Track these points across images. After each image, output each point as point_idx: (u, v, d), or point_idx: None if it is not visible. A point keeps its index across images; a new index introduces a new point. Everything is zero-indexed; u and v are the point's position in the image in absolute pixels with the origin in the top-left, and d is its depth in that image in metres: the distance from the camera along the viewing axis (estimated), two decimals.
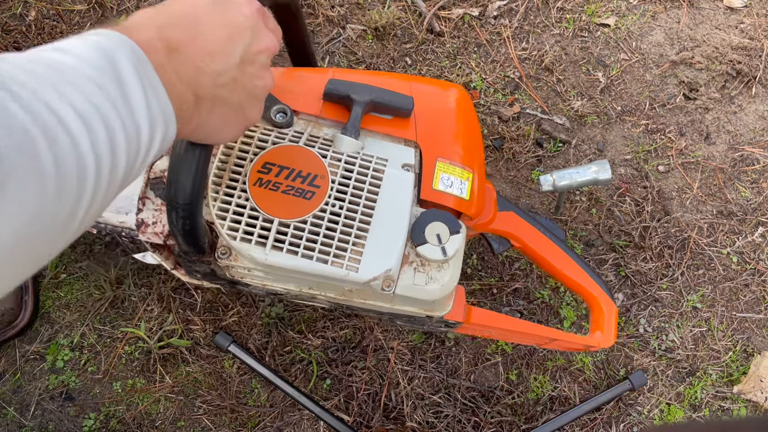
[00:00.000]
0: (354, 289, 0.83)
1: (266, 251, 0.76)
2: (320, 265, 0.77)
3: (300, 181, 0.77)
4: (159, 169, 0.83)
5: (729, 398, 1.31)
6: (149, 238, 0.82)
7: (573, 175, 1.22)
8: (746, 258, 1.40)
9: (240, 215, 0.76)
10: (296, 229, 0.77)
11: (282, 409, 1.25)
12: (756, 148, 1.51)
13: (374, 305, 0.87)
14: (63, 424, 1.22)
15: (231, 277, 0.84)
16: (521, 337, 1.07)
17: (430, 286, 0.82)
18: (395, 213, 0.81)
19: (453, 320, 0.91)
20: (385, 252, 0.79)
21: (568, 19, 1.63)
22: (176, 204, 0.65)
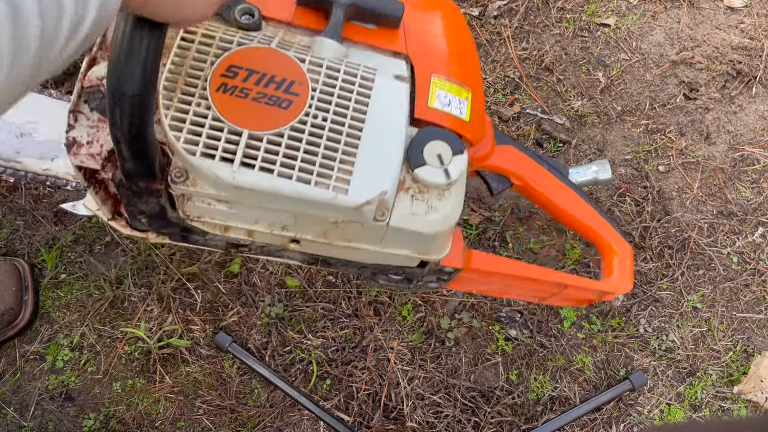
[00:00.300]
0: (340, 221, 0.69)
1: (234, 168, 0.63)
2: (302, 186, 0.64)
3: (274, 88, 0.65)
4: (96, 77, 0.68)
5: (729, 398, 1.31)
6: (83, 161, 0.67)
7: (573, 175, 1.22)
8: (746, 258, 1.40)
9: (200, 126, 0.63)
10: (270, 143, 0.65)
11: (282, 409, 1.25)
12: (756, 148, 1.51)
13: (359, 248, 0.74)
14: (63, 424, 1.22)
15: (186, 216, 0.70)
16: (527, 286, 0.94)
17: (430, 216, 0.71)
18: (388, 128, 0.69)
19: (450, 267, 0.79)
20: (378, 171, 0.67)
21: (568, 19, 1.63)
22: (121, 96, 0.52)
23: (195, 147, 0.63)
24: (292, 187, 0.64)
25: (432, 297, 1.34)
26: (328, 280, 1.34)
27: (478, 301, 1.35)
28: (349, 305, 1.32)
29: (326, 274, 1.34)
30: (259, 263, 1.33)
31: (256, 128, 0.64)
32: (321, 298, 1.32)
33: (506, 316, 1.34)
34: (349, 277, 1.33)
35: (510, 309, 1.35)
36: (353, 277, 1.31)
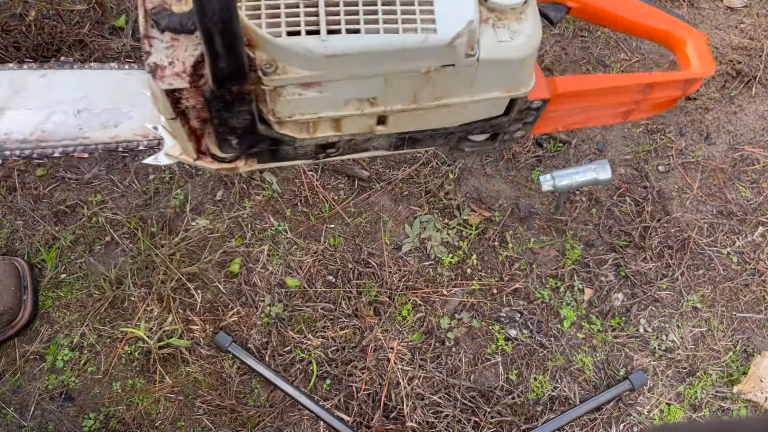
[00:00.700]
0: (432, 69, 0.68)
1: (323, 37, 0.62)
2: (391, 36, 0.64)
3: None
4: None
5: (729, 398, 1.31)
6: (171, 83, 0.67)
7: (573, 175, 1.22)
8: (746, 258, 1.40)
9: (276, 8, 0.63)
10: (348, 4, 0.64)
11: (282, 409, 1.25)
12: (756, 147, 1.51)
13: (450, 104, 0.75)
14: (63, 424, 1.22)
15: (276, 120, 0.71)
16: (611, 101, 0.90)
17: (516, 41, 0.70)
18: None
19: (539, 99, 0.79)
20: (459, 4, 0.66)
21: (569, 19, 1.63)
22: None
23: (278, 29, 0.62)
24: (383, 40, 0.64)
25: (432, 297, 1.34)
26: (328, 280, 1.34)
27: (478, 301, 1.35)
28: (349, 305, 1.32)
29: (326, 274, 1.34)
30: (260, 263, 1.33)
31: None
32: (321, 298, 1.32)
33: (506, 315, 1.34)
34: (349, 277, 1.33)
35: (510, 309, 1.35)
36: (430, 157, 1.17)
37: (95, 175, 1.37)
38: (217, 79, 0.63)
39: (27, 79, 0.98)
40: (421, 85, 0.71)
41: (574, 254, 1.39)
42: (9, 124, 0.95)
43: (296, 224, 1.38)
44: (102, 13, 1.56)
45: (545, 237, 1.41)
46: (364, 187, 1.42)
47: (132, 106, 0.96)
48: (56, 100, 0.97)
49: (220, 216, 1.37)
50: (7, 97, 0.96)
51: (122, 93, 0.96)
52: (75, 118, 0.97)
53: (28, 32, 1.48)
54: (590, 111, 0.95)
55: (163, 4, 0.66)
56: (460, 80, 0.72)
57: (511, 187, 1.45)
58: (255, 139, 0.75)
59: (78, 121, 0.97)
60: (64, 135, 0.96)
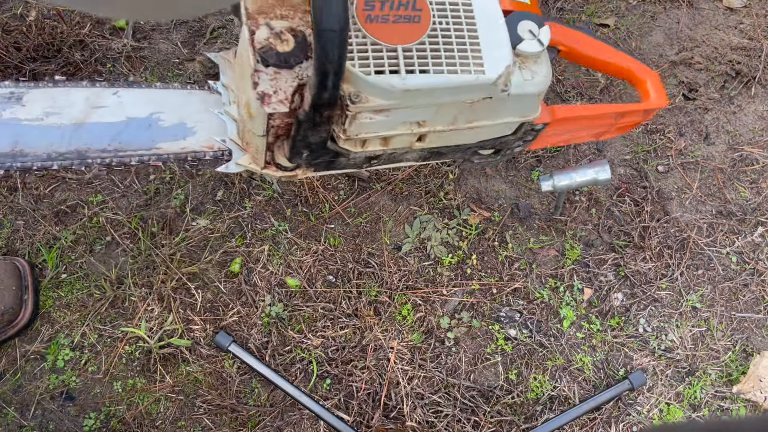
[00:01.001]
0: (475, 100, 0.88)
1: (403, 76, 0.81)
2: (453, 76, 0.83)
3: (403, 9, 0.83)
4: (262, 38, 0.83)
5: (728, 398, 1.31)
6: (275, 107, 0.83)
7: (573, 175, 1.22)
8: (746, 258, 1.41)
9: (365, 52, 0.80)
10: (419, 51, 0.83)
11: (282, 408, 1.25)
12: (755, 148, 1.51)
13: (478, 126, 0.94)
14: (63, 424, 1.23)
15: (347, 137, 0.88)
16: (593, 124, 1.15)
17: (536, 78, 0.91)
18: (492, 18, 0.88)
19: (541, 123, 1.00)
20: (499, 51, 0.86)
21: (568, 19, 1.63)
22: (331, 32, 0.65)
23: (368, 68, 0.80)
24: (447, 79, 0.83)
25: (432, 297, 1.34)
26: (328, 280, 1.34)
27: (477, 300, 1.35)
28: (349, 305, 1.32)
29: (326, 274, 1.34)
30: (260, 263, 1.33)
31: (405, 42, 0.82)
32: (321, 297, 1.33)
33: (506, 315, 1.34)
34: (349, 277, 1.34)
35: (510, 309, 1.35)
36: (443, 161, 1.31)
37: (96, 175, 1.38)
38: (316, 105, 0.78)
39: (101, 95, 1.09)
40: (462, 111, 0.91)
41: (574, 254, 1.39)
42: (89, 135, 1.07)
43: (296, 224, 1.38)
44: None
45: (545, 237, 1.41)
46: (364, 187, 1.43)
47: (196, 121, 1.10)
48: (128, 116, 1.09)
49: (221, 216, 1.37)
50: (85, 112, 1.08)
51: (187, 110, 1.10)
52: (147, 131, 1.09)
53: (28, 32, 1.48)
54: (574, 132, 1.17)
55: (269, 45, 0.82)
56: (491, 108, 0.91)
57: (511, 187, 1.46)
58: (321, 153, 0.92)
59: (150, 133, 1.10)
60: (139, 145, 1.09)
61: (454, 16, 0.86)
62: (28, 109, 1.07)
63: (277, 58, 0.82)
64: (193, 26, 1.57)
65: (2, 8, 1.54)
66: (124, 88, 1.10)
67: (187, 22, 1.58)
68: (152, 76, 1.49)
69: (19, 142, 1.05)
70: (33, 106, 1.07)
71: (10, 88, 1.07)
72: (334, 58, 0.68)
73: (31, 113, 1.07)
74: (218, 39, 1.55)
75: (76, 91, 1.09)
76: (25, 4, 1.55)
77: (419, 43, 0.83)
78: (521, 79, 0.90)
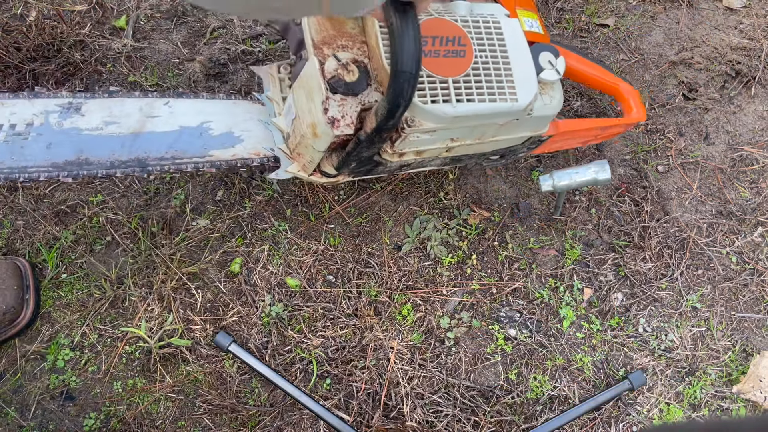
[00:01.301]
0: (506, 122, 1.02)
1: (454, 105, 0.93)
2: (493, 104, 0.95)
3: (451, 45, 0.94)
4: (331, 69, 0.94)
5: (728, 398, 1.31)
6: (343, 130, 0.94)
7: (572, 175, 1.22)
8: (745, 258, 1.41)
9: (422, 84, 0.91)
10: (465, 82, 0.94)
11: (282, 408, 1.25)
12: (755, 148, 1.52)
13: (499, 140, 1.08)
14: (63, 423, 1.23)
15: (393, 152, 1.00)
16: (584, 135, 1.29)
17: (552, 103, 1.05)
18: (521, 51, 1.00)
19: (547, 135, 1.13)
20: (527, 82, 0.99)
21: (568, 19, 1.63)
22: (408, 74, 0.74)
23: (424, 98, 0.91)
24: (488, 107, 0.95)
25: (432, 297, 1.34)
26: (328, 280, 1.34)
27: (477, 300, 1.35)
28: (349, 305, 1.32)
29: (326, 274, 1.34)
30: (260, 263, 1.33)
31: (454, 74, 0.93)
32: (321, 298, 1.33)
33: (506, 315, 1.34)
34: (349, 277, 1.34)
35: (509, 309, 1.35)
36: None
37: None
38: (380, 129, 0.88)
39: (153, 105, 1.16)
40: (491, 130, 1.03)
41: (574, 254, 1.39)
42: (147, 144, 1.13)
43: (296, 224, 1.38)
44: (102, 13, 1.56)
45: (545, 237, 1.41)
46: (364, 187, 1.43)
47: (242, 130, 1.17)
48: (181, 124, 1.16)
49: (221, 216, 1.37)
50: (141, 122, 1.14)
51: (233, 119, 1.17)
52: (199, 139, 1.16)
53: (28, 33, 1.48)
54: (567, 141, 1.31)
55: (338, 75, 0.93)
56: (515, 127, 1.05)
57: (511, 187, 1.46)
58: (366, 163, 1.05)
59: (202, 141, 1.17)
60: (193, 153, 1.15)
61: (491, 50, 0.98)
62: (88, 119, 1.12)
63: (345, 87, 0.93)
64: (193, 26, 1.57)
65: (2, 8, 1.54)
66: (174, 99, 1.15)
67: (187, 22, 1.58)
68: (152, 75, 1.49)
69: (84, 150, 1.10)
70: (92, 116, 1.12)
71: (68, 98, 1.12)
72: (407, 96, 0.77)
73: (91, 123, 1.12)
74: (218, 39, 1.55)
75: (130, 101, 1.14)
76: (25, 4, 1.55)
77: (465, 75, 0.94)
78: (541, 103, 1.04)
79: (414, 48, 0.73)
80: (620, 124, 1.28)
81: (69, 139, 1.10)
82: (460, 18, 0.98)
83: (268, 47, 1.55)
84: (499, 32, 1.00)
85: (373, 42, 0.95)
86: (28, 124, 1.09)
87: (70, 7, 1.56)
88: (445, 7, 1.00)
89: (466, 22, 0.98)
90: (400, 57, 0.73)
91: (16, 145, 1.07)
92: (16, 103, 1.09)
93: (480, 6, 1.03)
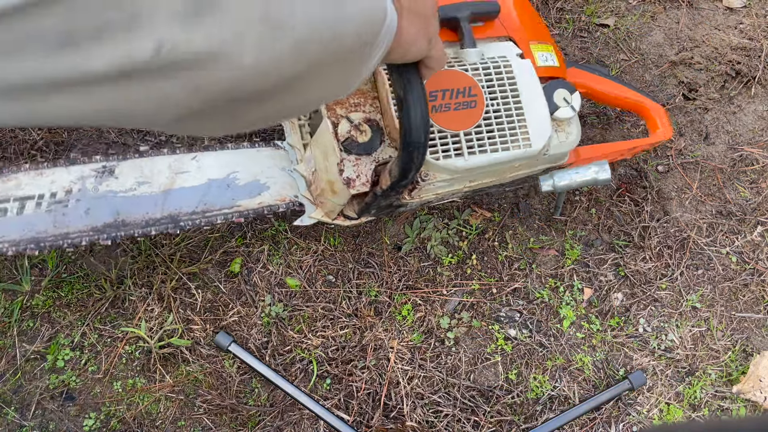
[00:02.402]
0: (522, 163, 1.01)
1: (466, 158, 0.93)
2: (506, 152, 0.95)
3: (461, 97, 0.93)
4: (345, 131, 0.96)
5: (728, 398, 1.31)
6: (359, 189, 0.96)
7: (572, 175, 1.22)
8: (745, 258, 1.41)
9: (433, 140, 0.92)
10: (477, 134, 0.94)
11: (282, 408, 1.25)
12: (755, 148, 1.52)
13: (518, 174, 1.07)
14: (63, 423, 1.23)
15: (410, 198, 1.01)
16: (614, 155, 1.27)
17: (569, 139, 1.04)
18: (534, 93, 0.98)
19: (568, 163, 1.13)
20: (541, 126, 0.97)
21: (568, 19, 1.63)
22: (417, 144, 0.74)
23: (437, 154, 0.92)
24: (503, 156, 0.95)
25: (432, 297, 1.34)
26: (328, 280, 1.34)
27: (477, 300, 1.35)
28: (349, 305, 1.32)
29: (326, 274, 1.34)
30: (260, 263, 1.33)
31: (465, 127, 0.93)
32: (321, 298, 1.33)
33: (506, 315, 1.34)
34: (349, 277, 1.34)
35: (509, 309, 1.35)
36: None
37: None
38: (395, 186, 0.89)
39: (182, 161, 1.20)
40: (508, 170, 1.04)
41: (574, 254, 1.39)
42: (178, 200, 1.18)
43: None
44: None
45: (545, 237, 1.41)
46: None
47: (267, 177, 1.20)
48: (209, 177, 1.20)
49: None
50: (171, 178, 1.19)
51: (258, 167, 1.20)
52: (227, 190, 1.20)
53: None
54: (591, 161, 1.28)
55: (351, 137, 0.96)
56: (532, 164, 1.05)
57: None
58: (386, 209, 1.07)
59: (230, 193, 1.21)
60: (222, 205, 1.20)
61: (503, 96, 0.97)
62: (122, 182, 1.17)
63: (359, 148, 0.95)
64: None
65: None
66: (201, 152, 1.19)
67: None
68: None
69: (120, 212, 1.16)
70: (125, 178, 1.17)
71: (102, 162, 1.17)
72: (418, 162, 0.79)
73: (124, 185, 1.17)
74: None
75: (160, 159, 1.19)
76: None
77: (477, 126, 0.94)
78: (557, 141, 1.03)
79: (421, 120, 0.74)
80: (645, 145, 1.26)
81: (106, 203, 1.15)
82: (470, 66, 0.97)
83: None
84: (511, 76, 0.98)
85: (384, 99, 0.96)
86: (67, 192, 1.14)
87: None
88: (455, 55, 0.98)
89: (477, 70, 0.97)
90: (408, 129, 0.75)
91: (58, 213, 1.12)
92: (55, 171, 1.14)
93: (491, 48, 1.01)
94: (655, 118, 1.25)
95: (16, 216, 1.11)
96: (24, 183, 1.13)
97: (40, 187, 1.13)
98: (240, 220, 1.20)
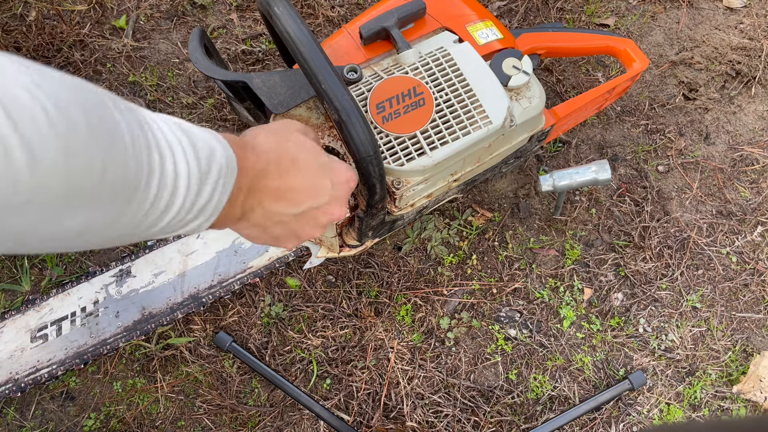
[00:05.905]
0: (492, 142, 1.01)
1: (430, 155, 0.94)
2: (468, 137, 0.95)
3: (408, 99, 0.94)
4: None
5: (728, 398, 1.31)
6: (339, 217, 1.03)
7: (573, 175, 1.22)
8: (746, 258, 1.41)
9: (392, 148, 0.93)
10: (433, 129, 0.95)
11: (282, 408, 1.25)
12: (755, 148, 1.51)
13: (499, 153, 1.07)
14: (63, 423, 1.23)
15: (398, 209, 1.01)
16: (591, 105, 1.26)
17: (533, 102, 1.03)
18: (481, 72, 0.98)
19: (549, 125, 1.12)
20: (496, 100, 0.97)
21: (568, 19, 1.63)
22: (368, 157, 0.78)
23: (400, 159, 0.93)
24: (464, 141, 0.95)
25: (432, 297, 1.34)
26: (328, 280, 1.34)
27: (477, 300, 1.35)
28: (349, 305, 1.32)
29: (326, 274, 1.34)
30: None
31: (419, 127, 0.94)
32: (321, 298, 1.33)
33: (506, 315, 1.34)
34: (349, 277, 1.34)
35: (510, 309, 1.35)
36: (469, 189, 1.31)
37: None
38: (371, 204, 0.91)
39: (188, 243, 1.26)
40: (483, 152, 1.03)
41: (574, 254, 1.39)
42: (194, 278, 1.24)
43: None
44: (102, 13, 1.56)
45: (545, 237, 1.41)
46: None
47: None
48: (216, 250, 1.26)
49: None
50: (183, 262, 1.25)
51: None
52: (236, 256, 1.26)
53: (28, 32, 1.48)
54: (577, 116, 1.30)
55: None
56: (506, 139, 1.05)
57: (511, 187, 1.46)
58: (382, 226, 1.07)
59: (239, 258, 1.26)
60: (235, 271, 1.25)
61: (449, 84, 0.97)
62: (140, 278, 1.23)
63: None
64: (193, 26, 1.57)
65: (2, 8, 1.54)
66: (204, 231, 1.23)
67: (187, 22, 1.58)
68: (152, 76, 1.49)
69: (145, 307, 1.22)
70: (142, 274, 1.24)
71: (118, 266, 1.25)
72: (377, 174, 0.81)
73: (143, 280, 1.23)
74: (218, 39, 1.55)
75: (168, 247, 1.26)
76: (25, 4, 1.55)
77: (431, 122, 0.94)
78: (521, 109, 1.02)
79: (363, 134, 0.76)
80: (625, 80, 1.23)
81: (131, 302, 1.22)
82: (410, 68, 0.97)
83: (267, 47, 1.55)
84: (452, 63, 0.98)
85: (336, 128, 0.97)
86: (95, 303, 1.22)
87: (70, 7, 1.56)
88: (394, 62, 0.99)
89: (417, 69, 0.97)
90: (355, 147, 0.76)
91: (92, 324, 1.21)
92: (80, 288, 1.23)
93: (427, 44, 1.02)
94: (628, 52, 1.24)
95: (56, 338, 1.19)
96: (56, 307, 1.22)
97: (71, 306, 1.21)
98: (255, 280, 1.25)
